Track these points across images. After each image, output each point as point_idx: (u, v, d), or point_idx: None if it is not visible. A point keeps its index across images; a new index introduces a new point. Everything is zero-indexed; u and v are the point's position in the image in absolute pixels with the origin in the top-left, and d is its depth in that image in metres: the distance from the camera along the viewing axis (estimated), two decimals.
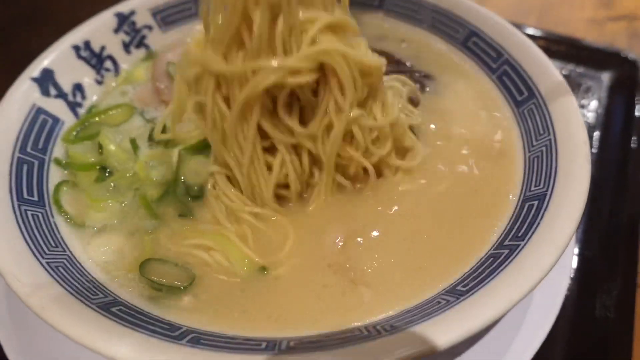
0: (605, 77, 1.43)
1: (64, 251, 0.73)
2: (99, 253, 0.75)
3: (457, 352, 0.78)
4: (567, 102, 0.84)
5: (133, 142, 0.89)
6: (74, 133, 0.92)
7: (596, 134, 1.29)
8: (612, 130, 1.28)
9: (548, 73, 0.90)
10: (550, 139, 0.81)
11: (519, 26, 1.46)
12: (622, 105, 1.33)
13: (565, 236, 0.65)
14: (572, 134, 0.79)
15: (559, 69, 1.40)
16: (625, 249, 1.03)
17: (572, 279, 0.98)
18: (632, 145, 1.22)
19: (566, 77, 1.42)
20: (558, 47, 1.47)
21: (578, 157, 0.75)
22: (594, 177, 1.17)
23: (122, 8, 1.07)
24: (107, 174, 0.86)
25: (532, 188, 0.78)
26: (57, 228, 0.76)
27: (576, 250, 1.02)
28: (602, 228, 1.07)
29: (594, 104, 1.36)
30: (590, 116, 1.33)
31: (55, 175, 0.85)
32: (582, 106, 1.35)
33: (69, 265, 0.70)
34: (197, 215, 0.80)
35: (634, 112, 1.28)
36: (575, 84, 1.41)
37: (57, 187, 0.83)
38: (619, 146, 1.24)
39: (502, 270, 0.64)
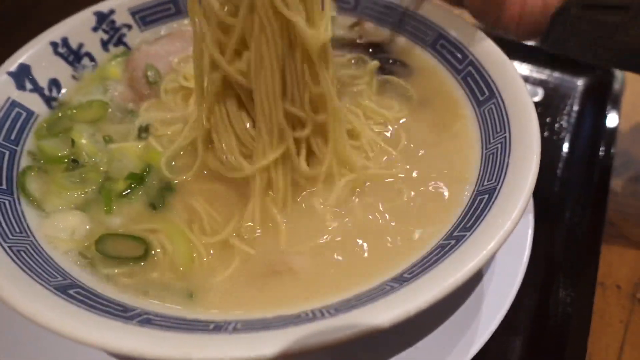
0: (580, 82, 1.46)
1: (28, 237, 0.75)
2: (55, 232, 0.77)
3: (411, 341, 0.80)
4: (524, 101, 0.87)
5: (107, 137, 0.92)
6: (45, 126, 0.94)
7: (567, 136, 1.32)
8: (581, 134, 1.32)
9: (508, 74, 0.92)
10: (505, 136, 0.84)
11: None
12: (594, 109, 1.37)
13: (505, 227, 0.67)
14: (526, 131, 0.82)
15: (535, 74, 1.47)
16: (588, 247, 1.05)
17: (530, 278, 1.00)
18: (601, 148, 1.24)
19: (543, 82, 1.47)
20: (536, 52, 1.51)
21: (528, 154, 0.78)
22: (563, 179, 1.22)
23: (101, 7, 1.10)
24: (77, 166, 0.88)
25: (485, 183, 0.80)
26: (23, 216, 0.78)
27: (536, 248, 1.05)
28: (565, 228, 1.10)
29: (567, 108, 1.39)
30: (564, 119, 1.36)
31: (25, 165, 0.87)
32: (557, 110, 1.39)
33: (31, 250, 0.72)
34: (168, 205, 0.82)
35: (605, 116, 1.32)
36: (551, 89, 1.45)
37: (24, 170, 0.85)
38: (589, 148, 1.27)
39: (445, 258, 0.67)
